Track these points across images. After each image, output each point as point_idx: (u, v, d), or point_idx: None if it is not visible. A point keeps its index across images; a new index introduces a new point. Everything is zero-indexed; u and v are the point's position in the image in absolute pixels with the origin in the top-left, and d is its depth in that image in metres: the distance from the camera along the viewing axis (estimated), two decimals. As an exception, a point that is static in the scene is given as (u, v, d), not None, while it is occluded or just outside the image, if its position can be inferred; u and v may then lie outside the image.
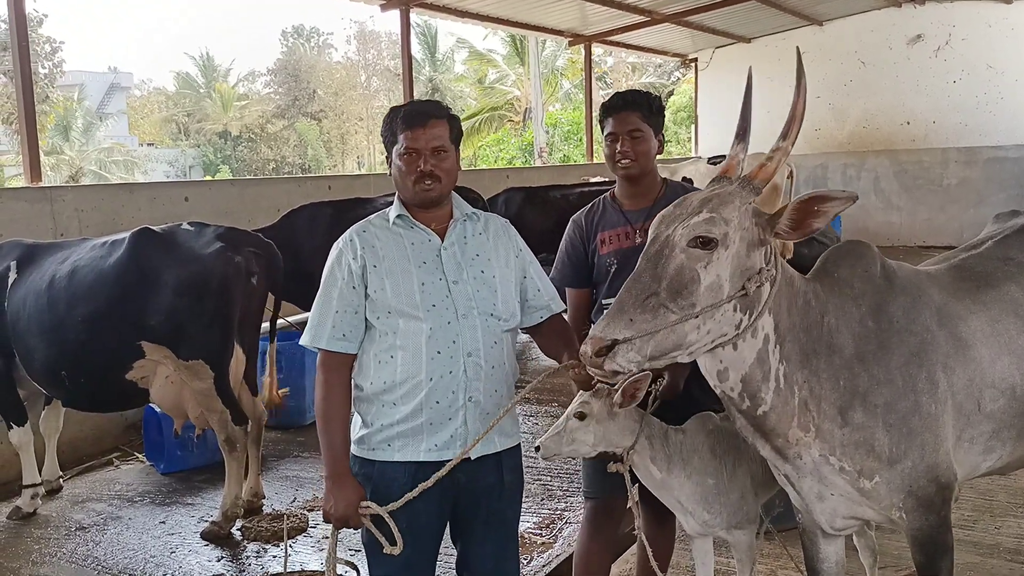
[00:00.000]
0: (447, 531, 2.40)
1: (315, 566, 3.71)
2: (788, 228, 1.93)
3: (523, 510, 4.15)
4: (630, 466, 2.44)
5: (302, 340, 2.29)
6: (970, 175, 13.33)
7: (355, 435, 2.32)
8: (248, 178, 14.84)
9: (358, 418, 2.33)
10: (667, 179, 2.83)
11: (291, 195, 7.15)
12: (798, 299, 2.08)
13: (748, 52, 14.60)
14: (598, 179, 9.37)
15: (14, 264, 4.49)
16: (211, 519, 4.34)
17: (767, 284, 1.96)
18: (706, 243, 1.89)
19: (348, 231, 2.33)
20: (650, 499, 2.65)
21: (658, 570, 2.52)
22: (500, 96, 26.84)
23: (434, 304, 2.23)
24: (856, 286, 2.19)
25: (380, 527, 2.22)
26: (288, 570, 3.51)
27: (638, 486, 2.46)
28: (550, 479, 4.83)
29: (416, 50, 30.63)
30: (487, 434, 2.23)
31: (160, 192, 6.57)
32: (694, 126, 16.07)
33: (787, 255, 5.02)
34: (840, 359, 2.11)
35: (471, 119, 24.69)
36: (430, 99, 2.55)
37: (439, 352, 2.21)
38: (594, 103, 15.07)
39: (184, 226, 4.42)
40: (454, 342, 2.22)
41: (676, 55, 15.96)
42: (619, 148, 2.67)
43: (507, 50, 26.88)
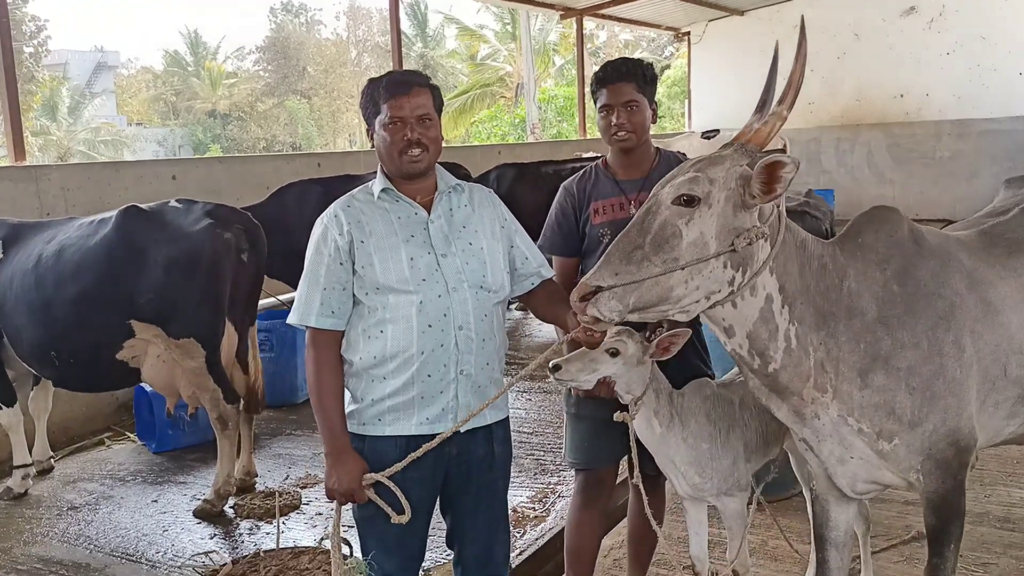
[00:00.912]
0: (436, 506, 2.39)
1: (308, 542, 3.72)
2: (760, 191, 1.96)
3: (516, 484, 4.20)
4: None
5: (290, 319, 2.26)
6: (963, 148, 13.30)
7: (345, 410, 2.29)
8: (236, 155, 14.69)
9: (347, 394, 2.31)
10: (660, 148, 2.78)
11: (280, 172, 7.08)
12: (812, 263, 2.11)
13: (741, 25, 14.49)
14: (590, 154, 9.31)
15: (0, 243, 4.45)
16: (203, 497, 4.34)
17: (761, 242, 2.01)
18: (689, 201, 1.96)
19: (331, 207, 2.29)
20: (647, 477, 2.64)
21: (652, 518, 2.52)
22: (492, 72, 26.63)
23: (424, 278, 2.21)
24: (881, 251, 2.20)
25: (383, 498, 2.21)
26: (281, 547, 3.51)
27: (636, 444, 2.45)
28: (543, 453, 4.84)
29: (406, 26, 30.35)
30: (484, 408, 2.22)
31: (147, 170, 6.50)
32: (687, 100, 15.98)
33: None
34: (861, 322, 2.12)
35: (463, 96, 24.50)
36: (409, 69, 2.49)
37: (430, 326, 2.20)
38: (586, 78, 14.98)
39: (172, 203, 4.37)
40: (445, 315, 2.20)
41: (669, 28, 15.81)
42: (615, 120, 2.61)
43: (499, 26, 26.65)
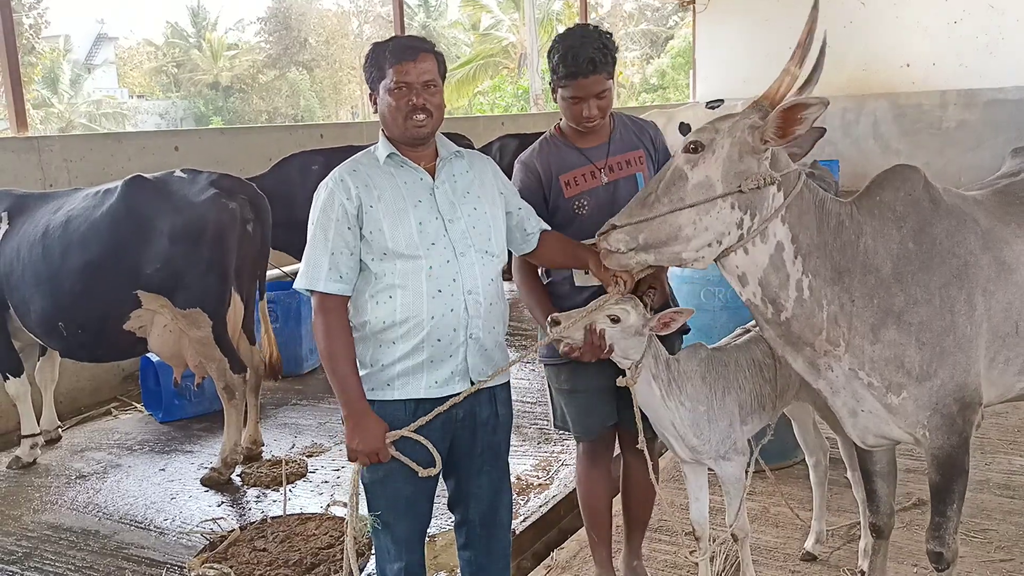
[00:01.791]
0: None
1: (314, 509, 3.76)
2: (775, 136, 2.06)
3: (520, 453, 4.24)
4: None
5: (297, 284, 2.25)
6: (969, 118, 13.19)
7: None
8: (239, 126, 14.65)
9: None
10: (611, 112, 2.68)
11: (282, 143, 7.06)
12: (829, 220, 2.19)
13: (747, -7, 14.33)
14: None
15: (5, 214, 4.46)
16: (211, 466, 4.38)
17: (772, 189, 2.11)
18: (696, 148, 2.13)
19: (335, 171, 2.28)
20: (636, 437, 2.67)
21: (655, 480, 2.57)
22: (495, 43, 26.42)
23: (433, 243, 2.22)
24: (899, 209, 2.25)
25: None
26: (288, 513, 3.56)
27: (638, 409, 2.48)
28: (546, 423, 4.87)
29: (408, -4, 30.02)
30: (507, 369, 2.30)
31: (149, 141, 6.48)
32: (692, 70, 15.84)
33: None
34: (876, 279, 2.18)
35: (466, 66, 24.31)
36: (414, 35, 2.49)
37: (440, 291, 2.22)
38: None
39: (177, 173, 4.37)
40: (454, 280, 2.23)
41: (673, -3, 15.67)
42: (587, 112, 2.53)
43: (501, -5, 26.39)
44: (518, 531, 3.55)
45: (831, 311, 2.17)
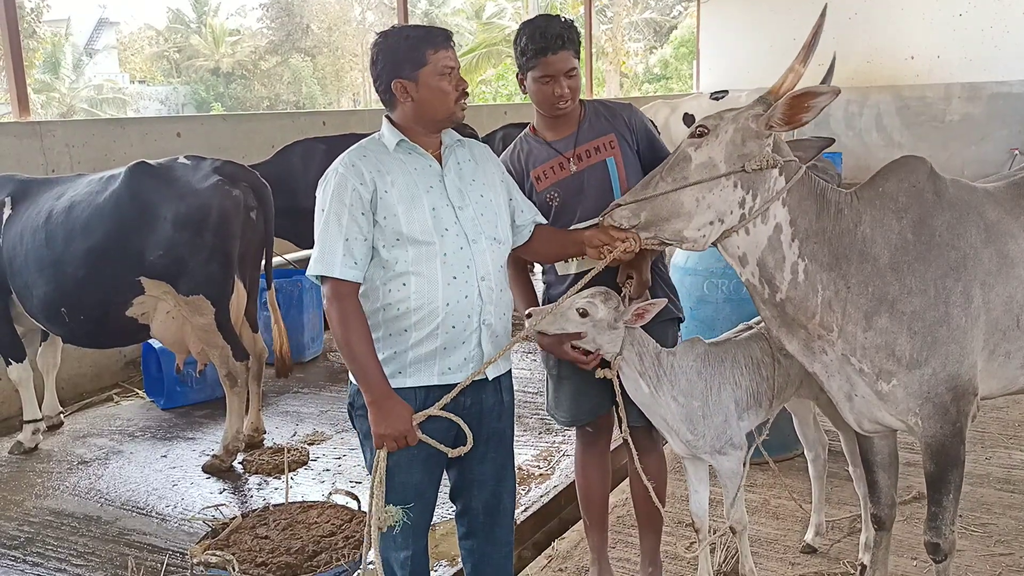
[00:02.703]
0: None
1: (316, 497, 3.77)
2: (780, 121, 2.13)
3: (522, 443, 4.24)
4: (618, 378, 2.47)
5: (310, 271, 2.20)
6: (973, 111, 13.15)
7: None
8: (241, 113, 14.62)
9: None
10: (583, 100, 2.71)
11: (285, 131, 7.05)
12: (829, 208, 2.24)
13: (751, -16, 14.27)
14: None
15: (8, 199, 4.45)
16: (212, 453, 4.40)
17: (775, 172, 2.18)
18: (701, 133, 2.22)
19: (344, 156, 2.25)
20: (637, 431, 2.68)
21: (645, 479, 2.56)
22: (498, 31, 26.30)
23: (447, 228, 2.23)
24: (901, 200, 2.27)
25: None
26: (289, 501, 3.57)
27: (623, 399, 2.48)
28: (546, 414, 4.87)
29: (411, -17, 29.84)
30: (508, 349, 2.32)
31: (152, 127, 6.47)
32: (696, 61, 15.79)
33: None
34: (872, 267, 2.22)
35: (469, 55, 24.22)
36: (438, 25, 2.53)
37: (455, 278, 2.22)
38: (594, 37, 14.79)
39: (181, 160, 4.36)
40: (468, 267, 2.23)
41: (677, -13, 15.59)
42: (558, 91, 2.54)
43: (505, -17, 26.27)
44: (519, 521, 3.56)
45: (826, 296, 2.22)
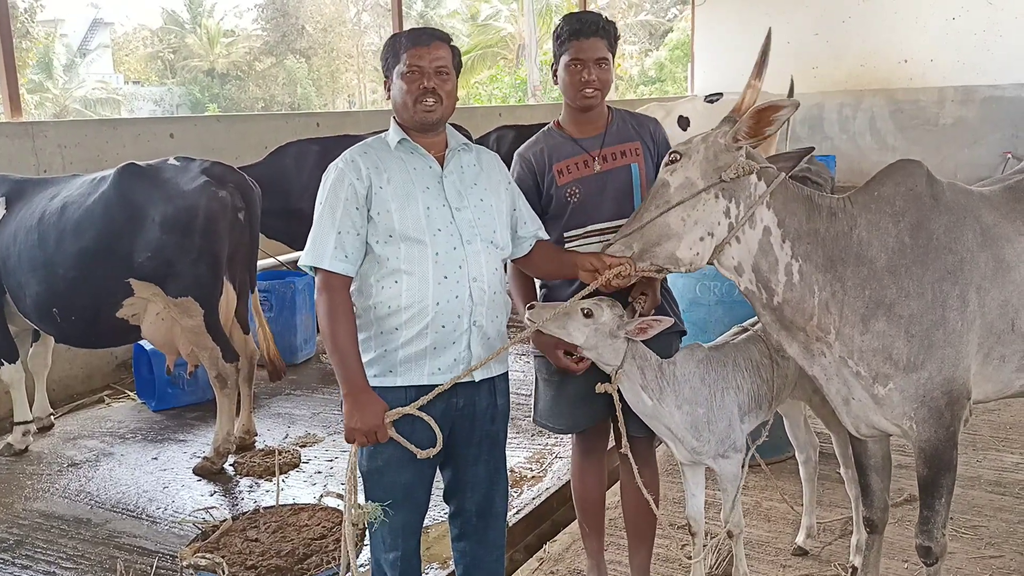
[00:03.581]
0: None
1: (307, 499, 3.76)
2: (747, 134, 2.20)
3: (514, 445, 4.23)
4: (619, 391, 2.45)
5: (301, 261, 2.26)
6: (966, 115, 13.19)
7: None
8: (235, 114, 14.62)
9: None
10: (611, 107, 2.73)
11: (279, 132, 7.03)
12: (820, 209, 2.27)
13: (746, -14, 14.29)
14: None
15: (3, 199, 4.44)
16: (203, 455, 4.38)
17: (753, 178, 2.23)
18: (674, 159, 2.29)
19: (346, 153, 2.29)
20: (638, 442, 2.67)
21: (642, 485, 2.54)
22: (493, 33, 26.34)
23: (440, 228, 2.23)
24: (898, 204, 2.29)
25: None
26: (281, 503, 3.56)
27: (621, 411, 2.47)
28: (540, 416, 4.87)
29: (406, -15, 29.86)
30: (502, 352, 2.31)
31: (145, 128, 6.45)
32: (690, 63, 15.81)
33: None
34: (869, 270, 2.23)
35: (464, 57, 24.21)
36: (433, 27, 2.53)
37: (446, 277, 2.22)
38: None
39: (171, 161, 4.35)
40: (460, 267, 2.23)
41: (672, -10, 15.62)
42: (586, 76, 2.55)
43: (500, -15, 26.27)
44: (511, 523, 3.55)
45: (822, 297, 2.23)
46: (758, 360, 2.65)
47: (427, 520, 2.53)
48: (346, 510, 2.27)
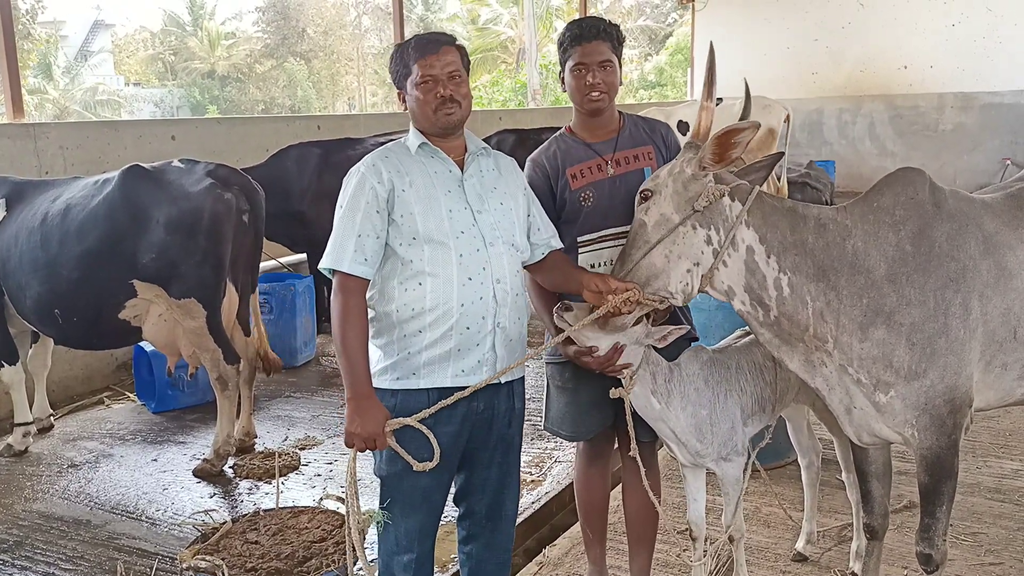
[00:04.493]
0: None
1: (306, 502, 3.76)
2: (712, 161, 2.23)
3: (513, 449, 4.23)
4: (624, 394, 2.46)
5: (321, 264, 2.26)
6: (965, 121, 13.23)
7: (375, 367, 2.28)
8: (236, 116, 14.66)
9: (379, 349, 2.31)
10: (622, 112, 2.75)
11: (280, 134, 7.04)
12: (808, 222, 2.27)
13: (746, -8, 14.32)
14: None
15: (3, 201, 4.44)
16: (203, 457, 4.38)
17: (727, 200, 2.24)
18: (646, 197, 2.32)
19: (367, 158, 2.31)
20: (643, 447, 2.67)
21: (649, 488, 2.55)
22: (493, 37, 26.37)
23: (462, 231, 2.25)
24: (898, 213, 2.28)
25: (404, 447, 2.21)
26: (280, 506, 3.55)
27: (631, 415, 2.47)
28: (540, 420, 4.86)
29: (407, -12, 29.89)
30: (525, 361, 2.33)
31: (146, 130, 6.45)
32: (690, 68, 15.84)
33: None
34: (866, 279, 2.23)
35: (464, 60, 24.25)
36: (434, 30, 2.53)
37: (470, 279, 2.23)
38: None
39: (175, 163, 4.36)
40: (484, 269, 2.25)
41: (673, -5, 15.65)
42: (590, 80, 2.57)
43: (500, -11, 26.32)
44: (510, 527, 3.55)
45: (816, 307, 2.23)
46: (761, 363, 2.66)
47: (429, 523, 2.52)
48: (349, 516, 2.27)
